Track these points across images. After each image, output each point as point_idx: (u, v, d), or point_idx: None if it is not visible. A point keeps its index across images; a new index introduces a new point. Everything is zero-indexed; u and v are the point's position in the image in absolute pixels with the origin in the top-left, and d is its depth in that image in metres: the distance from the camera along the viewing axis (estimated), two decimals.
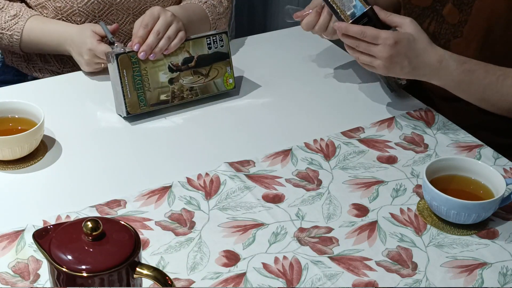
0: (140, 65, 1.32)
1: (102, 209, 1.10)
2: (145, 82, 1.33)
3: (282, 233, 1.08)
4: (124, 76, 1.30)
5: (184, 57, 1.37)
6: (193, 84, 1.38)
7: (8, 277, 0.98)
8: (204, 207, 1.13)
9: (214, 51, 1.39)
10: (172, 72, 1.36)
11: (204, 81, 1.39)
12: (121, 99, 1.32)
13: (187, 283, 0.99)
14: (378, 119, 1.38)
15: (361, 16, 1.28)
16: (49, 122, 1.26)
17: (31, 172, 1.19)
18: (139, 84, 1.32)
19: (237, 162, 1.23)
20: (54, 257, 0.83)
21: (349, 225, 1.11)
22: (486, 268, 1.04)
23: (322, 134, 1.32)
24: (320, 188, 1.19)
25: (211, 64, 1.40)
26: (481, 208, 1.08)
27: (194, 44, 1.38)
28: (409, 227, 1.11)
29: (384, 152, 1.29)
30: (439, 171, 1.14)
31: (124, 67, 1.30)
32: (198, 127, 1.34)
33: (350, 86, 1.48)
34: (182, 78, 1.37)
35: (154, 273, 0.83)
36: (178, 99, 1.37)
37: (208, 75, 1.39)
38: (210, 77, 1.40)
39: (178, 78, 1.36)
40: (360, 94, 1.45)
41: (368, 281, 1.01)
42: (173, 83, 1.36)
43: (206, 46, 1.39)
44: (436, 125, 1.37)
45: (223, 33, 1.40)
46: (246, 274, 1.01)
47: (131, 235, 0.86)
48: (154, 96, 1.35)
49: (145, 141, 1.29)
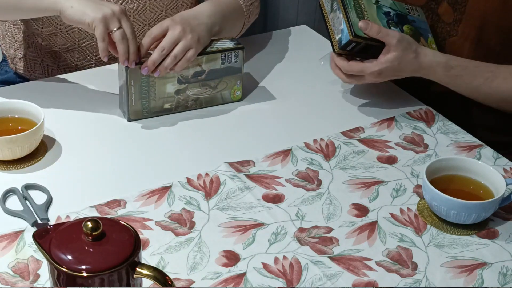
0: (149, 76, 1.29)
1: (102, 209, 1.10)
2: (151, 92, 1.31)
3: (282, 233, 1.08)
4: (131, 85, 1.29)
5: (195, 71, 1.33)
6: (199, 95, 1.36)
7: (8, 277, 0.98)
8: (204, 207, 1.13)
9: (227, 65, 1.35)
10: (180, 84, 1.33)
11: (211, 93, 1.37)
12: (125, 105, 1.31)
13: (187, 283, 0.99)
14: (378, 119, 1.38)
15: (346, 44, 1.28)
16: (49, 122, 1.26)
17: (31, 172, 1.19)
18: (145, 94, 1.31)
19: (237, 162, 1.23)
20: (54, 257, 0.83)
21: (349, 225, 1.11)
22: (486, 268, 1.04)
23: (322, 134, 1.32)
24: (320, 188, 1.19)
25: (222, 78, 1.36)
26: (481, 208, 1.08)
27: (208, 59, 1.33)
28: (409, 227, 1.11)
29: (384, 152, 1.29)
30: (439, 171, 1.14)
31: (133, 78, 1.28)
32: (198, 127, 1.34)
33: (350, 86, 1.47)
34: (190, 89, 1.34)
35: (154, 273, 0.83)
36: (181, 108, 1.36)
37: (217, 88, 1.37)
38: (218, 90, 1.37)
39: (186, 89, 1.34)
40: (360, 94, 1.45)
41: (368, 281, 1.01)
42: (179, 93, 1.34)
43: (220, 61, 1.34)
44: (436, 125, 1.37)
45: (239, 49, 1.35)
46: (246, 274, 1.01)
47: (131, 235, 0.86)
48: (158, 105, 1.33)
49: (145, 141, 1.29)
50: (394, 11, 1.37)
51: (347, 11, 1.28)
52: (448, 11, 1.43)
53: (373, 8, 1.33)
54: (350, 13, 1.28)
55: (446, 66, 1.32)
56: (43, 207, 1.10)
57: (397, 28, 1.34)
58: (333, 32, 1.30)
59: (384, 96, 1.46)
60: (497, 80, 1.32)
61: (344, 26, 1.27)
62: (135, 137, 1.30)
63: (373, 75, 1.30)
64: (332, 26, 1.30)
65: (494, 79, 1.32)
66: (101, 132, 1.31)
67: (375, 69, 1.29)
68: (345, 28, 1.27)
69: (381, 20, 1.33)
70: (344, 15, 1.28)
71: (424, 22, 1.42)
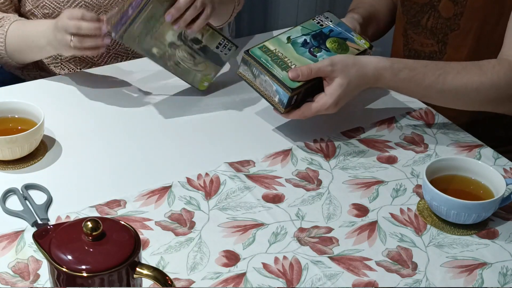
0: (161, 17, 1.30)
1: (102, 209, 1.10)
2: (155, 29, 1.32)
3: (282, 233, 1.08)
4: (146, 9, 1.28)
5: (196, 37, 1.38)
6: (181, 62, 1.39)
7: (8, 277, 0.98)
8: (204, 207, 1.13)
9: (218, 52, 1.40)
10: (177, 39, 1.36)
11: (190, 67, 1.40)
12: (125, 23, 1.29)
13: (187, 283, 0.99)
14: (378, 119, 1.38)
15: (289, 101, 1.23)
16: (49, 122, 1.26)
17: (31, 172, 1.19)
18: (149, 26, 1.31)
19: (237, 162, 1.23)
20: (54, 257, 0.83)
21: (349, 225, 1.11)
22: (486, 268, 1.04)
23: (322, 134, 1.32)
24: (320, 188, 1.19)
25: (206, 60, 1.41)
26: (481, 208, 1.08)
27: (210, 35, 1.38)
28: (409, 227, 1.11)
29: (384, 152, 1.29)
30: (439, 171, 1.14)
31: (153, 4, 1.28)
32: (198, 127, 1.34)
33: None
34: (180, 51, 1.38)
35: (154, 273, 0.83)
36: (161, 62, 1.38)
37: (197, 66, 1.40)
38: (197, 68, 1.41)
39: (177, 47, 1.37)
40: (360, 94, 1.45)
41: (368, 281, 1.01)
42: (171, 47, 1.37)
43: (217, 43, 1.40)
44: (436, 125, 1.37)
45: (234, 46, 1.41)
46: (246, 274, 1.01)
47: (131, 235, 0.86)
48: (149, 46, 1.35)
49: (145, 141, 1.29)
50: (308, 35, 1.32)
51: (270, 71, 1.23)
52: (448, 6, 1.43)
53: (289, 49, 1.28)
54: (274, 71, 1.23)
55: (393, 69, 1.26)
56: (43, 207, 1.10)
57: (321, 51, 1.30)
58: (269, 96, 1.25)
59: (384, 96, 1.46)
60: (450, 76, 1.27)
61: (277, 86, 1.23)
62: (135, 137, 1.30)
63: (332, 108, 1.24)
64: (265, 90, 1.25)
65: (447, 75, 1.27)
66: (101, 132, 1.31)
67: (330, 102, 1.23)
68: (279, 88, 1.22)
69: (303, 54, 1.28)
70: (270, 76, 1.23)
71: (340, 23, 1.37)
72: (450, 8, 1.43)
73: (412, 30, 1.53)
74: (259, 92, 1.27)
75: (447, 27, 1.44)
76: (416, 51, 1.53)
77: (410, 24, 1.53)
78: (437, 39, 1.47)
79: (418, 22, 1.50)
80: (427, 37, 1.50)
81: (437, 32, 1.45)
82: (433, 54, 1.50)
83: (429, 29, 1.48)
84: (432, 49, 1.50)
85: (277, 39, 1.30)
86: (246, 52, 1.26)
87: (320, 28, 1.35)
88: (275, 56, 1.26)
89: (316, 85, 1.25)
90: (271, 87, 1.23)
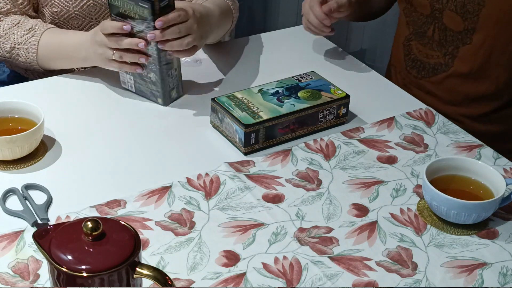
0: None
1: (102, 209, 1.10)
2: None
3: (282, 233, 1.08)
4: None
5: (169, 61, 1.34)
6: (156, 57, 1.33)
7: (8, 277, 0.98)
8: (204, 207, 1.13)
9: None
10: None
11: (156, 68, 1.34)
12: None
13: (187, 283, 0.99)
14: (378, 119, 1.38)
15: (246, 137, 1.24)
16: (49, 122, 1.26)
17: (31, 172, 1.19)
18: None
19: (237, 162, 1.23)
20: (54, 257, 0.83)
21: (349, 225, 1.11)
22: (486, 268, 1.04)
23: (322, 134, 1.32)
24: (320, 188, 1.19)
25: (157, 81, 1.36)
26: (481, 208, 1.08)
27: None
28: (409, 227, 1.11)
29: (384, 152, 1.29)
30: (439, 171, 1.14)
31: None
32: (198, 127, 1.34)
33: (350, 86, 1.47)
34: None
35: (154, 273, 0.84)
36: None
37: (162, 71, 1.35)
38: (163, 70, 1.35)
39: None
40: (360, 94, 1.45)
41: (368, 281, 1.01)
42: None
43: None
44: (436, 125, 1.37)
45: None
46: (246, 274, 1.01)
47: (131, 235, 0.86)
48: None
49: (145, 141, 1.29)
50: (282, 88, 1.34)
51: (231, 112, 1.25)
52: (456, 20, 1.43)
53: (257, 97, 1.31)
54: (234, 112, 1.25)
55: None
56: (43, 207, 1.10)
57: (290, 98, 1.30)
58: (233, 138, 1.27)
59: (384, 96, 1.46)
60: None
61: (236, 126, 1.24)
62: (135, 137, 1.30)
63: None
64: (229, 133, 1.28)
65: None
66: (101, 132, 1.31)
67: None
68: (237, 127, 1.24)
69: (270, 101, 1.29)
70: (231, 118, 1.25)
71: (321, 79, 1.38)
72: (459, 22, 1.43)
73: (418, 41, 1.53)
74: (227, 137, 1.29)
75: (458, 40, 1.45)
76: (420, 62, 1.54)
77: (416, 34, 1.54)
78: (445, 51, 1.48)
79: (424, 33, 1.51)
80: (433, 49, 1.50)
81: (447, 44, 1.46)
82: (438, 66, 1.51)
83: (437, 40, 1.48)
84: (437, 61, 1.51)
85: (248, 90, 1.33)
86: (213, 99, 1.30)
87: (297, 82, 1.37)
88: (240, 102, 1.29)
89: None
90: (232, 128, 1.26)
